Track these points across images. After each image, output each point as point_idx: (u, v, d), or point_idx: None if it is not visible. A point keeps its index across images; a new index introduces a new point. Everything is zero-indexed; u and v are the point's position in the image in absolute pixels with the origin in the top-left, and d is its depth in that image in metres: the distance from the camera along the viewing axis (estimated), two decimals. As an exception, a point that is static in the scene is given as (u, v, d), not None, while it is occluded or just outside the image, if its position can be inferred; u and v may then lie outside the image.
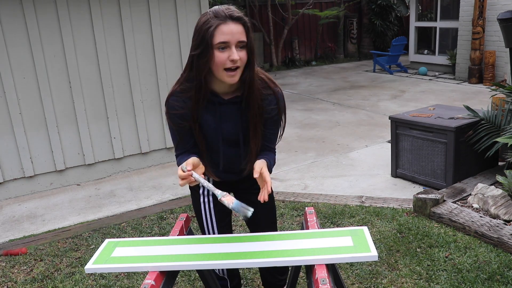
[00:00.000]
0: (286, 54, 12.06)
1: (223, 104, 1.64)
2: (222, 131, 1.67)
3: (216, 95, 1.63)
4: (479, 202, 3.13)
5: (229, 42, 1.47)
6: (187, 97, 1.61)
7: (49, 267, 2.86)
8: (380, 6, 12.21)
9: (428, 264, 2.60)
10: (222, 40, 1.47)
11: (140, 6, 4.39)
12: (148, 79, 4.58)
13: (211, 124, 1.66)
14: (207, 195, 1.86)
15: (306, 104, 7.33)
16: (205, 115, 1.65)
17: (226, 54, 1.48)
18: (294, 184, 4.04)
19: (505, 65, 7.52)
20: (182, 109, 1.62)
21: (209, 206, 1.87)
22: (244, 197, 1.93)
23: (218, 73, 1.52)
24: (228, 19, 1.47)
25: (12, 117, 4.03)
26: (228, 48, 1.48)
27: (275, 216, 2.04)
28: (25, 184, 4.22)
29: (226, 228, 1.93)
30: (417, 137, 3.69)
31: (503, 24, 4.11)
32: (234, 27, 1.47)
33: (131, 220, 3.46)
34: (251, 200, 1.92)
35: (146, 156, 4.73)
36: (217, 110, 1.64)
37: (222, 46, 1.48)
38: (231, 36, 1.47)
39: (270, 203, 1.96)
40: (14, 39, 3.93)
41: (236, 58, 1.47)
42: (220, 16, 1.48)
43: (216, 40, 1.47)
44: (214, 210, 1.87)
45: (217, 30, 1.47)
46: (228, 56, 1.48)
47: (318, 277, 1.34)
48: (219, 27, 1.47)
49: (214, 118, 1.65)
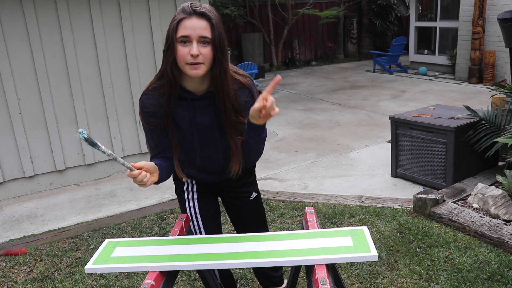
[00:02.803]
0: (286, 54, 12.06)
1: (196, 99, 1.64)
2: (196, 125, 1.67)
3: (188, 92, 1.63)
4: (479, 202, 3.13)
5: (190, 37, 1.48)
6: (159, 94, 1.62)
7: (49, 267, 2.86)
8: (380, 6, 12.21)
9: (428, 264, 2.60)
10: (183, 34, 1.48)
11: (140, 6, 4.40)
12: (148, 79, 4.57)
13: (185, 119, 1.66)
14: (192, 199, 1.87)
15: (306, 104, 7.33)
16: (179, 111, 1.65)
17: (188, 49, 1.48)
18: (294, 184, 4.04)
19: (505, 65, 7.52)
20: (154, 107, 1.63)
21: (195, 210, 1.87)
22: (229, 201, 1.95)
23: (182, 68, 1.53)
24: (193, 14, 1.48)
25: (12, 117, 4.03)
26: (190, 43, 1.49)
27: (264, 217, 2.04)
28: (25, 184, 4.22)
29: (215, 231, 1.93)
30: (417, 137, 3.69)
31: (503, 24, 4.11)
32: (197, 22, 1.48)
33: (131, 220, 3.46)
34: (237, 204, 1.93)
35: (146, 156, 4.73)
36: (190, 105, 1.64)
37: (183, 40, 1.48)
38: (192, 31, 1.47)
39: (257, 206, 1.96)
40: (14, 39, 3.93)
41: (195, 53, 1.47)
42: (185, 11, 1.50)
43: (178, 34, 1.49)
44: (200, 213, 1.87)
45: (180, 25, 1.49)
46: (189, 51, 1.48)
47: (318, 277, 1.34)
48: (182, 22, 1.49)
49: (188, 112, 1.65)
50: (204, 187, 1.88)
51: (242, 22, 10.97)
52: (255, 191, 1.94)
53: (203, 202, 1.88)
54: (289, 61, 11.83)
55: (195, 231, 1.88)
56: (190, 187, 1.87)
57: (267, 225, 2.08)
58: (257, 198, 1.95)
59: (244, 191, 1.91)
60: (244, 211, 1.94)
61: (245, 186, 1.90)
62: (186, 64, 1.50)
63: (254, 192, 1.93)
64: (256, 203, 1.95)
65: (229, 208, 1.99)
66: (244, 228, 1.97)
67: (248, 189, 1.91)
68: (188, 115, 1.65)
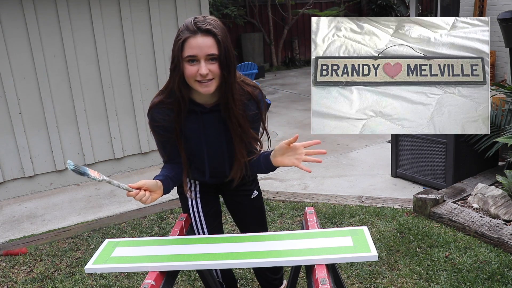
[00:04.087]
0: (286, 54, 12.06)
1: (205, 112, 1.63)
2: (206, 139, 1.68)
3: (198, 105, 1.62)
4: (479, 202, 3.13)
5: (197, 56, 1.45)
6: (168, 108, 1.61)
7: (49, 267, 2.86)
8: (380, 6, 12.22)
9: (428, 264, 2.60)
10: (190, 54, 1.45)
11: (140, 6, 4.39)
12: (148, 79, 4.58)
13: (195, 133, 1.66)
14: (195, 198, 1.87)
15: (306, 104, 7.33)
16: (188, 123, 1.64)
17: (196, 68, 1.46)
18: (294, 184, 4.04)
19: (505, 65, 7.52)
20: (164, 121, 1.62)
21: (198, 209, 1.87)
22: (230, 198, 1.95)
23: (192, 85, 1.52)
24: (197, 32, 1.45)
25: (12, 117, 4.03)
26: (197, 62, 1.46)
27: (265, 216, 2.05)
28: (25, 184, 4.22)
29: (217, 230, 1.94)
30: (417, 137, 3.69)
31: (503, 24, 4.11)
32: (202, 41, 1.45)
33: (131, 220, 3.46)
34: (238, 202, 1.94)
35: (146, 156, 4.73)
36: (199, 118, 1.64)
37: (191, 59, 1.46)
38: (199, 50, 1.45)
39: (258, 204, 1.97)
40: (14, 39, 3.93)
41: (203, 72, 1.45)
42: (189, 29, 1.46)
43: (185, 54, 1.46)
44: (203, 212, 1.87)
45: (185, 44, 1.45)
46: (197, 70, 1.46)
47: (318, 277, 1.34)
48: (187, 41, 1.45)
49: (198, 126, 1.65)
50: (206, 187, 1.89)
51: (242, 22, 10.97)
52: (256, 189, 1.95)
53: (205, 201, 1.88)
54: (289, 61, 11.83)
55: (198, 230, 1.88)
56: (193, 186, 1.88)
57: (266, 224, 2.09)
58: (258, 197, 1.96)
59: (246, 189, 1.91)
60: (245, 209, 1.95)
61: (246, 185, 1.90)
62: (196, 81, 1.49)
63: (255, 191, 1.94)
64: (257, 201, 1.96)
65: (230, 206, 2.00)
66: (244, 226, 1.99)
67: (249, 187, 1.92)
68: (198, 128, 1.65)
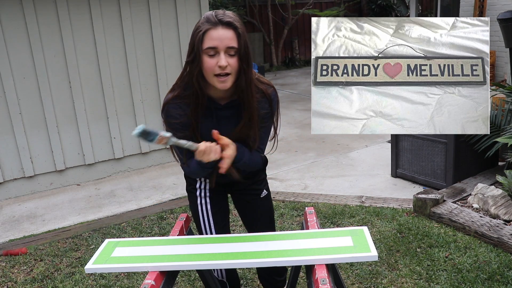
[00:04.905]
0: (286, 54, 12.06)
1: (220, 109, 1.63)
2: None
3: (213, 101, 1.61)
4: (479, 202, 3.13)
5: (218, 48, 1.45)
6: (184, 103, 1.59)
7: (49, 267, 2.86)
8: (380, 6, 12.23)
9: (428, 264, 2.60)
10: (210, 45, 1.45)
11: (140, 6, 4.39)
12: (148, 79, 4.58)
13: (208, 130, 1.64)
14: (204, 197, 1.85)
15: (306, 104, 7.33)
16: (203, 120, 1.63)
17: (215, 60, 1.46)
18: (294, 184, 4.04)
19: (505, 65, 7.52)
20: (181, 117, 1.59)
21: (206, 208, 1.86)
22: (239, 197, 1.94)
23: (209, 79, 1.51)
24: (218, 24, 1.45)
25: (12, 117, 4.03)
26: (217, 54, 1.46)
27: (273, 216, 2.03)
28: (25, 184, 4.22)
29: (224, 229, 1.92)
30: (417, 137, 3.69)
31: (503, 24, 4.11)
32: (223, 33, 1.44)
33: (131, 220, 3.46)
34: (247, 200, 1.93)
35: (146, 156, 4.73)
36: (214, 115, 1.63)
37: (211, 51, 1.46)
38: (219, 42, 1.44)
39: (267, 204, 1.96)
40: (14, 39, 3.93)
41: (223, 64, 1.45)
42: (210, 21, 1.45)
43: (205, 45, 1.45)
44: (211, 211, 1.85)
45: (206, 35, 1.45)
46: (216, 62, 1.45)
47: (318, 277, 1.34)
48: (208, 32, 1.45)
49: (212, 123, 1.64)
50: (216, 185, 1.86)
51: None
52: (265, 189, 1.93)
53: (214, 200, 1.87)
54: (289, 61, 11.83)
55: (205, 229, 1.86)
56: (203, 185, 1.85)
57: (274, 225, 2.06)
58: (267, 196, 1.94)
59: (255, 189, 1.90)
60: (254, 208, 1.93)
61: (255, 184, 1.89)
62: (214, 76, 1.48)
63: (264, 190, 1.92)
64: (266, 201, 1.94)
65: (239, 205, 1.97)
66: (252, 226, 1.96)
67: (259, 187, 1.90)
68: (212, 124, 1.63)
